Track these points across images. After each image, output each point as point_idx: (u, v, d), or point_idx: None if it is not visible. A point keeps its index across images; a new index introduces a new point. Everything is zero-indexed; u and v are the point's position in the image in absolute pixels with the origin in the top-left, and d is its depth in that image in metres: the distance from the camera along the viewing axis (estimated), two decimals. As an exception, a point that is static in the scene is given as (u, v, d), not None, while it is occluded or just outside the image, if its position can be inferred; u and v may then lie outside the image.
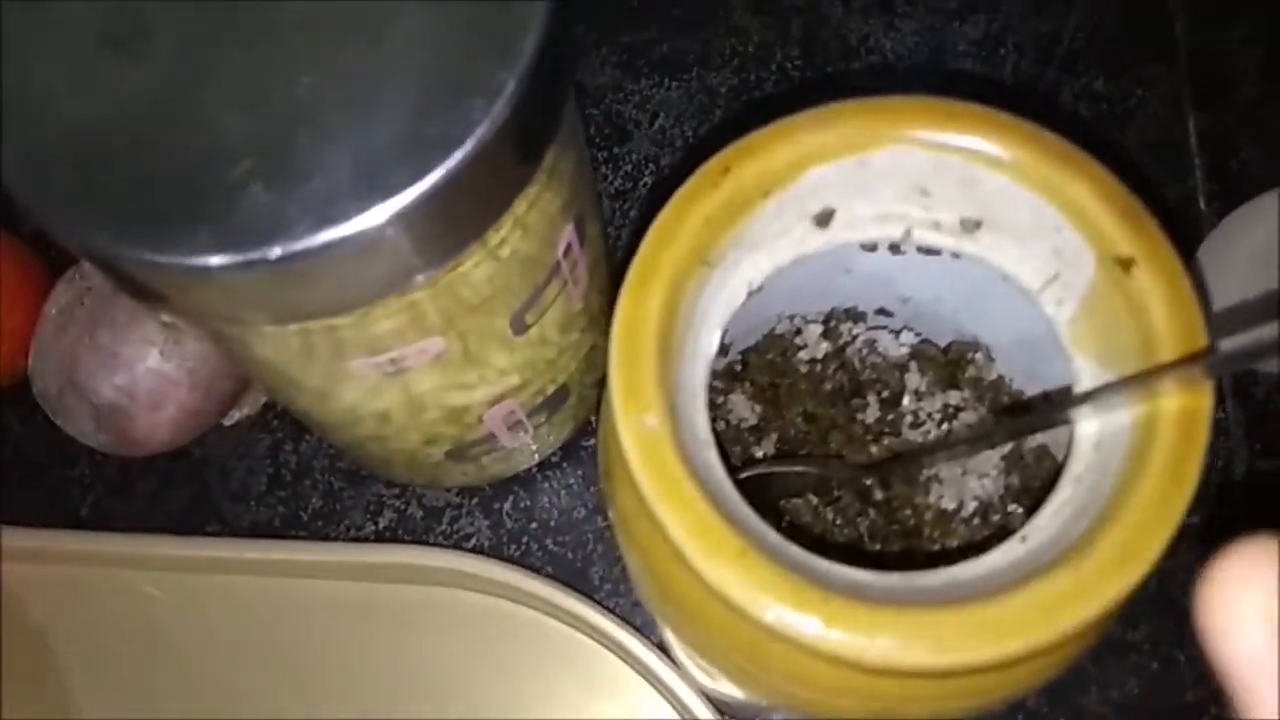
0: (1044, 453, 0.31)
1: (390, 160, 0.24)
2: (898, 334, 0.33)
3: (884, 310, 0.33)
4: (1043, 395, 0.30)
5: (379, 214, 0.24)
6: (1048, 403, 0.28)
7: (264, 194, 0.24)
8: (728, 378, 0.35)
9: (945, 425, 0.33)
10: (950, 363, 0.33)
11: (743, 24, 0.48)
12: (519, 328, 0.32)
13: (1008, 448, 0.31)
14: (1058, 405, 0.25)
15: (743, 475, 0.30)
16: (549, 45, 0.26)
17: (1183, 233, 0.43)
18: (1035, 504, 0.25)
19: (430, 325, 0.29)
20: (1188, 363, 0.22)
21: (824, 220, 0.26)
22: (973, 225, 0.26)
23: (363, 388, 0.31)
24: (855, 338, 0.34)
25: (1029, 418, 0.27)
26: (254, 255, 0.23)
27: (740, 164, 0.25)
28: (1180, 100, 0.45)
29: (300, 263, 0.24)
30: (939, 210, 0.26)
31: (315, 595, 0.39)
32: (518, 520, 0.41)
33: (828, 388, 0.34)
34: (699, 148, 0.45)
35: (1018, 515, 0.31)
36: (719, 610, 0.22)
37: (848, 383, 0.34)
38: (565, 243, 0.31)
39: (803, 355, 0.34)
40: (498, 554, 0.41)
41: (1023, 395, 0.32)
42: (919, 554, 0.33)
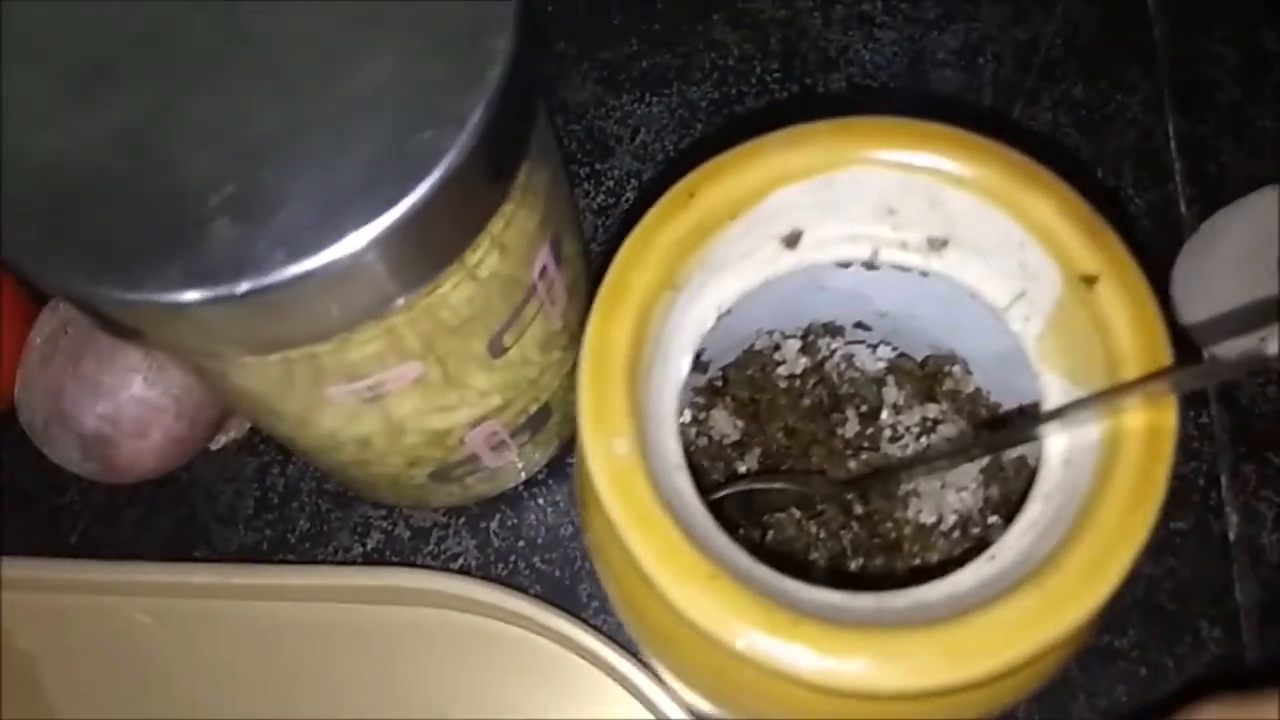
0: (1023, 464, 0.31)
1: (358, 190, 0.24)
2: (875, 348, 0.33)
3: (862, 324, 0.33)
4: (1019, 409, 0.30)
5: (348, 245, 0.24)
6: (1018, 419, 0.28)
7: (232, 228, 0.24)
8: (709, 393, 0.35)
9: (924, 439, 0.33)
10: (928, 376, 0.33)
11: (722, 38, 0.48)
12: (497, 350, 0.32)
13: (985, 460, 0.31)
14: (1026, 422, 0.25)
15: (714, 496, 0.30)
16: (515, 69, 0.26)
17: (1163, 237, 0.43)
18: (1015, 515, 0.25)
19: (409, 349, 0.29)
20: (1152, 380, 0.22)
21: (792, 241, 0.26)
22: (940, 244, 0.26)
23: (342, 414, 0.31)
24: (833, 352, 0.34)
25: (997, 435, 0.27)
26: (222, 291, 0.23)
27: (706, 187, 0.25)
28: (1160, 105, 0.45)
29: (272, 295, 0.24)
30: (906, 229, 0.26)
31: (303, 619, 0.39)
32: (505, 539, 0.41)
33: (807, 403, 0.34)
34: (680, 162, 0.45)
35: (998, 527, 0.31)
36: (691, 635, 0.22)
37: (827, 397, 0.34)
38: (541, 264, 0.32)
39: (782, 371, 0.34)
40: (485, 573, 0.41)
41: (1000, 408, 0.32)
42: (901, 567, 0.33)
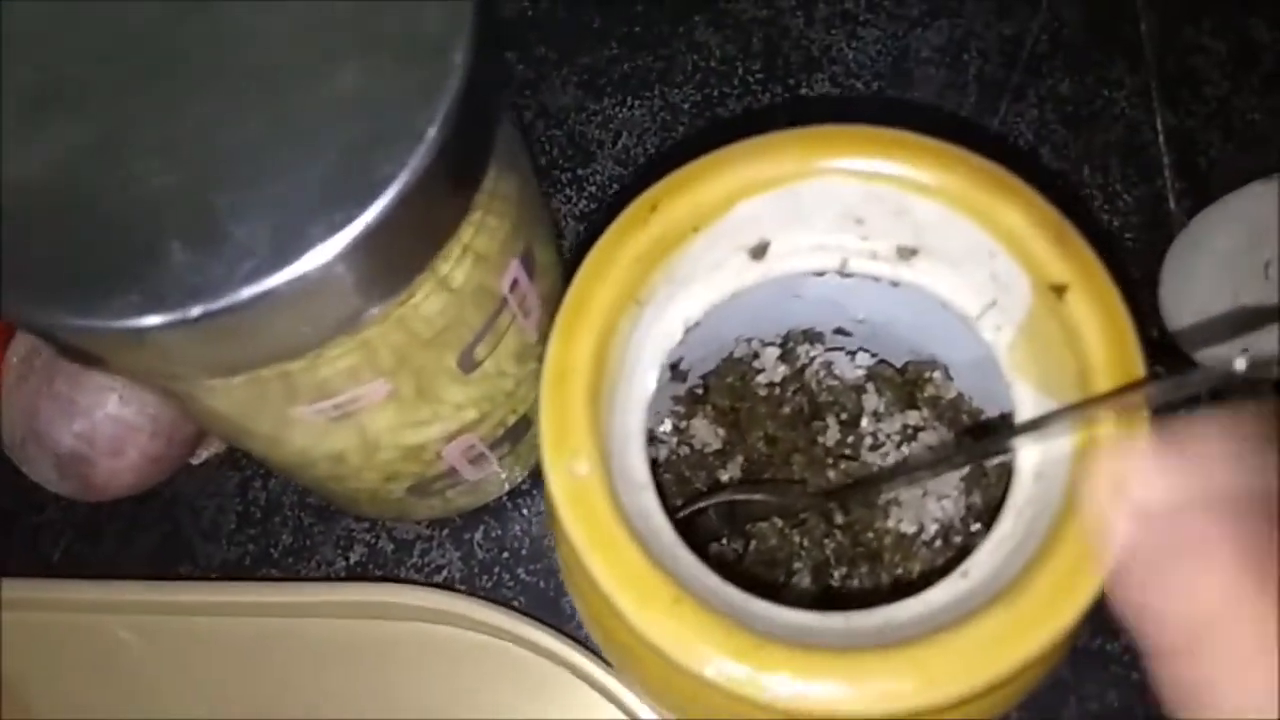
0: (1006, 471, 0.31)
1: (315, 209, 0.24)
2: (854, 355, 0.33)
3: (842, 330, 0.33)
4: (1000, 416, 0.30)
5: (303, 265, 0.24)
6: (998, 428, 0.28)
7: (185, 252, 0.23)
8: (689, 402, 0.35)
9: (904, 446, 0.32)
10: (908, 383, 0.32)
11: (704, 39, 0.47)
12: (469, 365, 0.31)
13: (967, 468, 0.31)
14: (1000, 434, 0.24)
15: (685, 512, 0.29)
16: (473, 81, 0.25)
17: (1152, 233, 0.43)
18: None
19: (383, 363, 0.29)
20: (1124, 393, 0.22)
21: (759, 252, 0.26)
22: (909, 253, 0.25)
23: (314, 432, 0.31)
24: (813, 360, 0.33)
25: (971, 447, 0.26)
26: (175, 316, 0.23)
27: (668, 201, 0.24)
28: (1148, 99, 0.45)
29: (228, 318, 0.24)
30: (874, 239, 0.25)
31: (288, 634, 0.39)
32: (489, 550, 0.41)
33: (787, 411, 0.34)
34: (663, 166, 0.45)
35: (981, 535, 0.31)
36: (656, 658, 0.22)
37: (807, 405, 0.34)
38: (513, 276, 0.31)
39: (761, 379, 0.34)
40: (470, 585, 0.40)
41: (982, 414, 0.31)
42: (885, 577, 0.32)
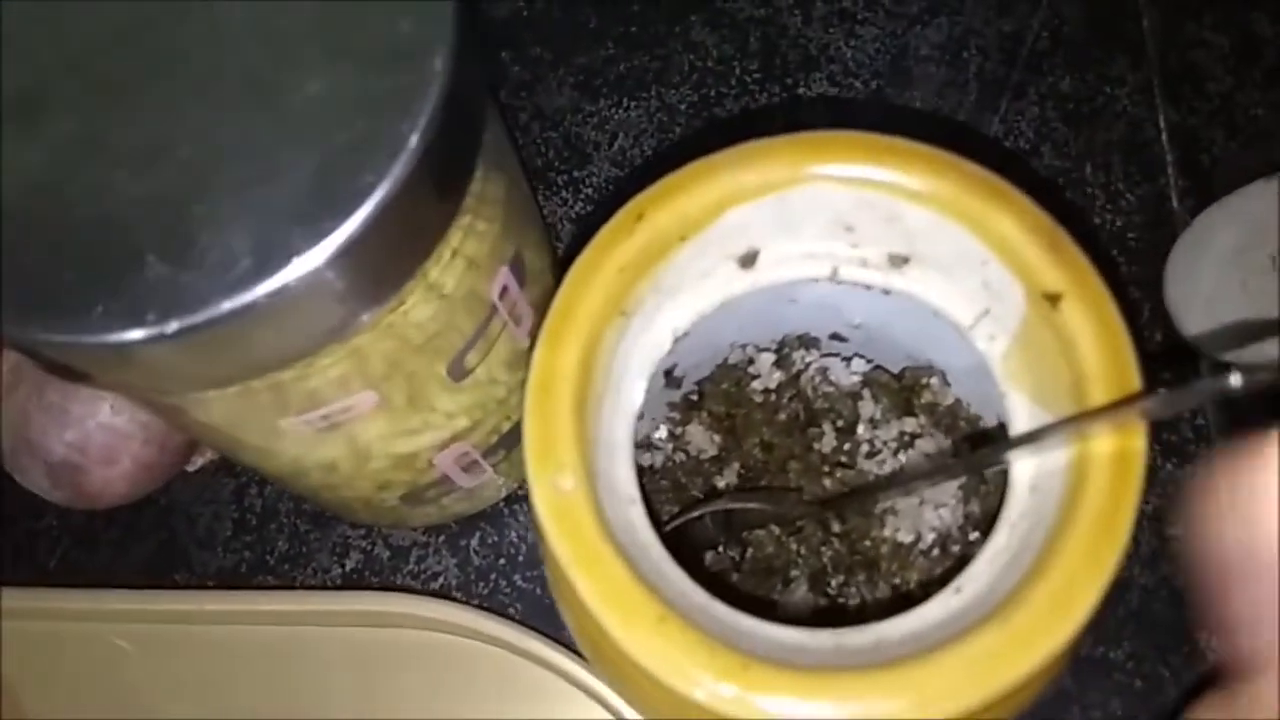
0: (1005, 479, 0.30)
1: (295, 219, 0.23)
2: (849, 361, 0.32)
3: (838, 336, 0.32)
4: (999, 424, 0.29)
5: (284, 277, 0.23)
6: (998, 436, 0.27)
7: (162, 265, 0.23)
8: (685, 408, 0.34)
9: (901, 454, 0.32)
10: (905, 389, 0.32)
11: (700, 39, 0.47)
12: (459, 373, 0.31)
13: (964, 476, 0.30)
14: (998, 446, 0.24)
15: (674, 524, 0.29)
16: (455, 87, 0.25)
17: (1155, 232, 0.42)
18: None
19: (374, 371, 0.29)
20: (1120, 406, 0.21)
21: (748, 261, 0.25)
22: (900, 261, 0.25)
23: (305, 441, 0.31)
24: (808, 366, 0.33)
25: (966, 459, 0.26)
26: (152, 331, 0.23)
27: (655, 209, 0.24)
28: (1150, 95, 0.44)
29: (207, 332, 0.23)
30: (865, 246, 0.25)
31: (283, 642, 0.39)
32: (485, 557, 0.41)
33: (783, 417, 0.33)
34: (659, 168, 0.45)
35: (980, 544, 0.30)
36: (642, 675, 0.22)
37: (803, 412, 0.33)
38: (502, 283, 0.31)
39: (756, 385, 0.33)
40: (466, 592, 0.40)
41: (980, 421, 0.31)
42: (882, 586, 0.32)
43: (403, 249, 0.26)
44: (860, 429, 0.32)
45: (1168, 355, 0.40)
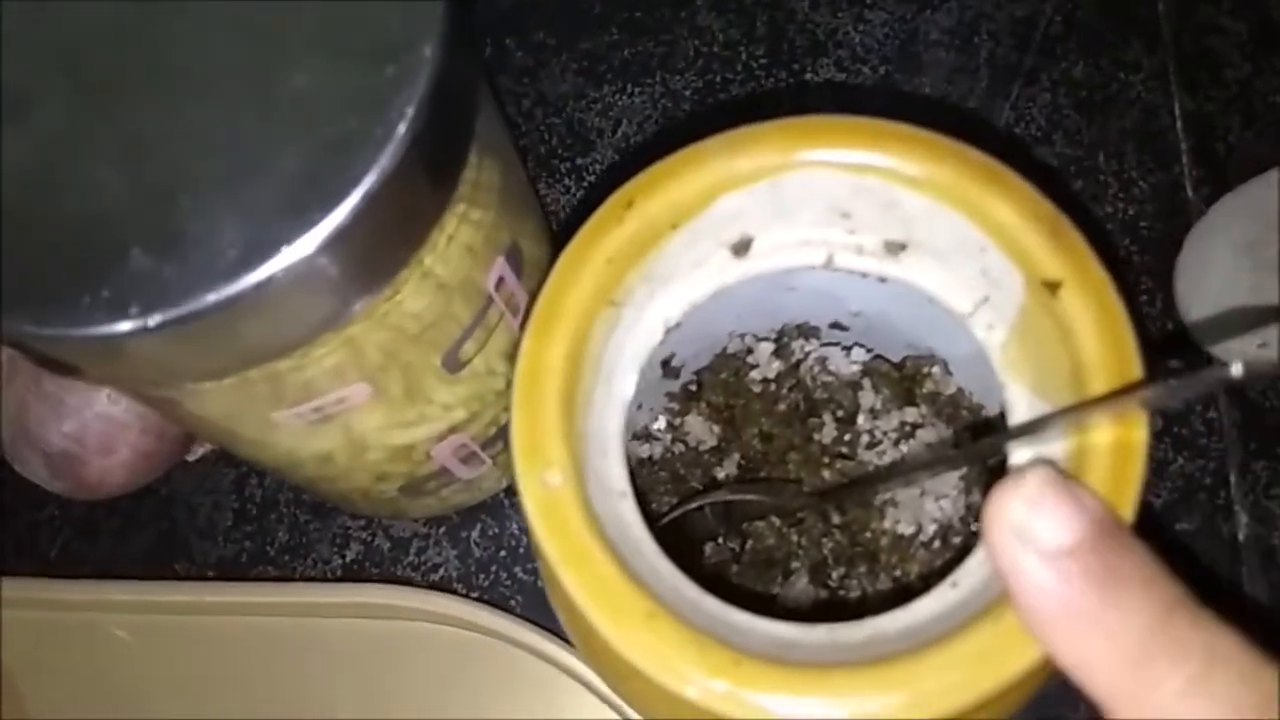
0: (1006, 470, 0.30)
1: (283, 210, 0.23)
2: (849, 350, 0.32)
3: (838, 324, 0.32)
4: (1001, 413, 0.29)
5: (271, 267, 0.23)
6: (989, 430, 0.27)
7: (149, 257, 0.23)
8: (684, 399, 0.34)
9: (902, 444, 0.31)
10: (906, 378, 0.31)
11: (706, 24, 0.46)
12: (454, 365, 0.31)
13: (966, 467, 0.30)
14: (992, 438, 0.23)
15: (668, 518, 0.29)
16: (444, 77, 0.24)
17: (1169, 222, 0.41)
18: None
19: (370, 361, 0.28)
20: (1120, 397, 0.20)
21: (742, 249, 0.25)
22: (897, 248, 0.24)
23: (299, 434, 0.30)
24: (808, 355, 0.32)
25: (963, 451, 0.25)
26: (138, 323, 0.22)
27: (644, 197, 0.23)
28: (1165, 82, 0.43)
29: (196, 322, 0.23)
30: (861, 233, 0.24)
31: (282, 633, 0.39)
32: (486, 549, 0.40)
33: (782, 408, 0.33)
34: (663, 154, 0.44)
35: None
36: (633, 672, 0.21)
37: (803, 402, 0.33)
38: (498, 274, 0.30)
39: (755, 375, 0.33)
40: (466, 584, 0.40)
41: (983, 410, 0.30)
42: (882, 578, 0.31)
43: (394, 238, 0.26)
44: (860, 419, 0.32)
45: (1178, 346, 0.39)
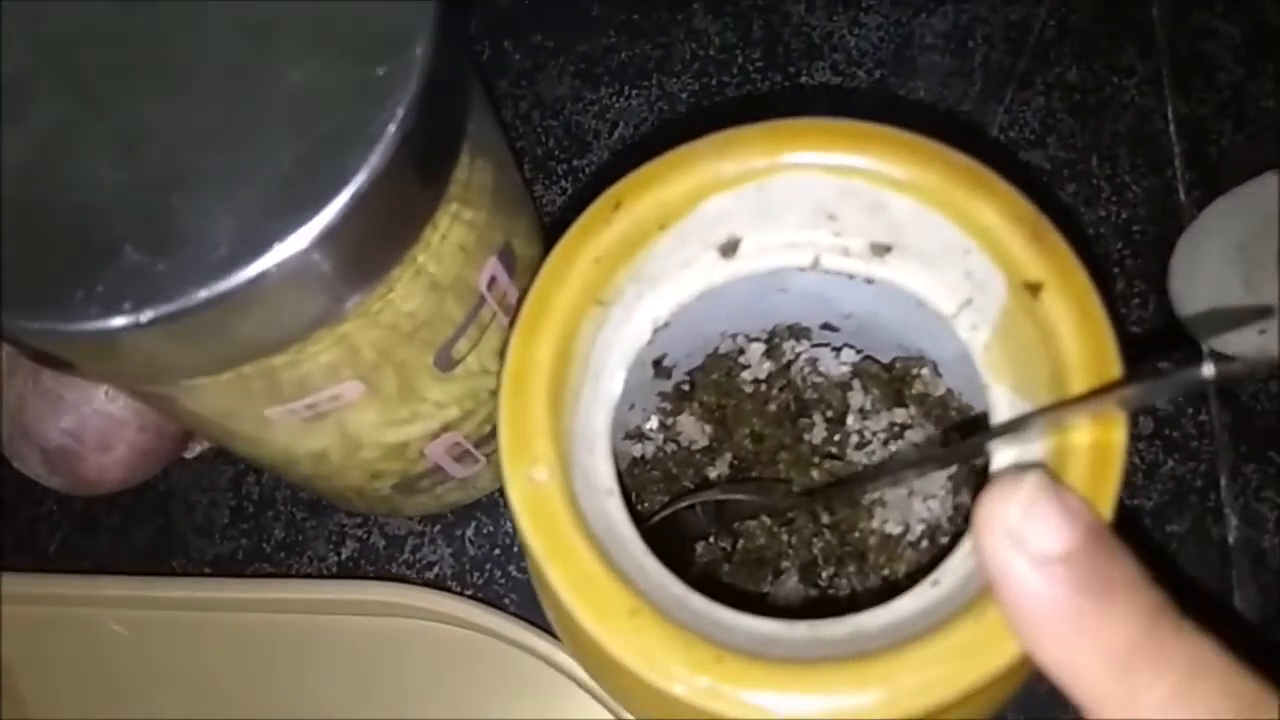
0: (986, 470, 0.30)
1: (275, 207, 0.23)
2: (839, 351, 0.32)
3: (829, 325, 0.32)
4: (986, 414, 0.29)
5: (262, 264, 0.23)
6: (977, 430, 0.27)
7: (142, 252, 0.23)
8: (676, 399, 0.34)
9: (890, 445, 0.31)
10: (895, 379, 0.32)
11: (703, 27, 0.47)
12: (445, 364, 0.31)
13: (954, 467, 0.30)
14: (976, 437, 0.23)
15: (657, 518, 0.29)
16: (435, 76, 0.25)
17: (1162, 225, 0.41)
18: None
19: (364, 359, 0.29)
20: (1098, 396, 0.21)
21: (729, 250, 0.25)
22: (883, 250, 0.24)
23: (294, 431, 0.31)
24: (798, 356, 0.33)
25: (948, 450, 0.25)
26: (130, 318, 0.23)
27: (633, 197, 0.24)
28: (1158, 86, 0.43)
29: (189, 317, 0.23)
30: (848, 235, 0.25)
31: (278, 629, 0.39)
32: (480, 547, 0.41)
33: (773, 408, 0.33)
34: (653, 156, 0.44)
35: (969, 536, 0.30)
36: (618, 668, 0.22)
37: (793, 403, 0.33)
38: (490, 273, 0.31)
39: (746, 375, 0.33)
40: (461, 582, 0.40)
41: (972, 410, 0.30)
42: (871, 577, 0.32)
43: (386, 235, 0.26)
44: (850, 420, 0.32)
45: (1176, 343, 0.40)
